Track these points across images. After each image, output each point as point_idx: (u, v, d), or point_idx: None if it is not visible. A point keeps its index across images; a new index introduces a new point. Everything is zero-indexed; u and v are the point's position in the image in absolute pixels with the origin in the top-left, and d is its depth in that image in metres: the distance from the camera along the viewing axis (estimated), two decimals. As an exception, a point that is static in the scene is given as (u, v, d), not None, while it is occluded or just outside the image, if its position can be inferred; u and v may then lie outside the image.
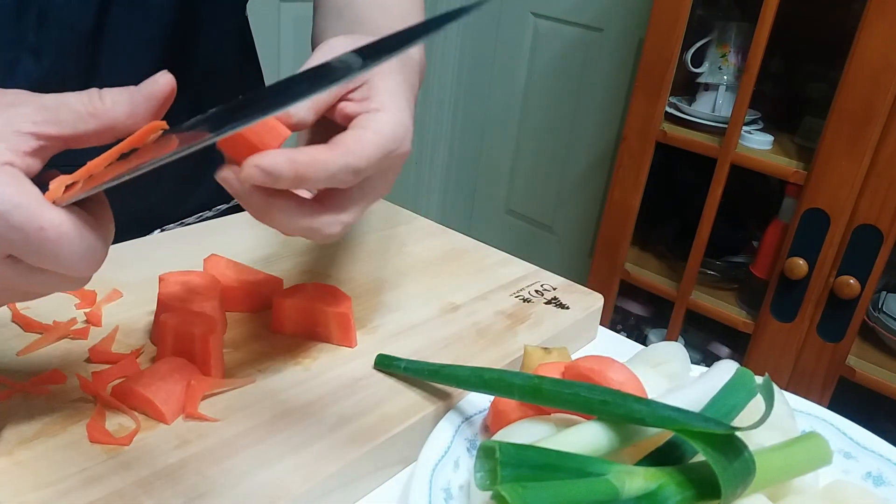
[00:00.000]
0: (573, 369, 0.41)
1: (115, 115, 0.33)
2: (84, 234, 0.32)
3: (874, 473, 0.42)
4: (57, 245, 0.31)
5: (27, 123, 0.32)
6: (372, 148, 0.36)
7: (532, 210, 2.17)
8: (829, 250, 1.21)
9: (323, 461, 0.39)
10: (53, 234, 0.31)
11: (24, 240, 0.31)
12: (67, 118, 0.33)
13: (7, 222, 0.31)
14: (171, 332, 0.45)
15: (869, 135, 1.12)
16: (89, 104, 0.33)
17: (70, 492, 0.36)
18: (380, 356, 0.48)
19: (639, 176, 1.42)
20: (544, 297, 0.60)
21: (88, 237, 0.32)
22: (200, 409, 0.42)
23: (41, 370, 0.44)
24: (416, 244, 0.67)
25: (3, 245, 0.31)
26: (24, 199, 0.31)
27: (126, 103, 0.33)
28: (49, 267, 0.33)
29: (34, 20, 0.53)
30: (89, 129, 0.33)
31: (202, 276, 0.51)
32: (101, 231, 0.33)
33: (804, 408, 0.46)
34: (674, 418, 0.36)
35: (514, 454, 0.34)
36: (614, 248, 1.50)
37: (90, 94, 0.33)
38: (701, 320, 1.46)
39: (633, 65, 1.77)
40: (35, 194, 0.32)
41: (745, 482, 0.34)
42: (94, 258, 0.33)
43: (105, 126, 0.33)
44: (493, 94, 2.15)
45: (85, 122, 0.33)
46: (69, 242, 0.32)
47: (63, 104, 0.33)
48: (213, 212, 0.73)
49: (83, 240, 0.32)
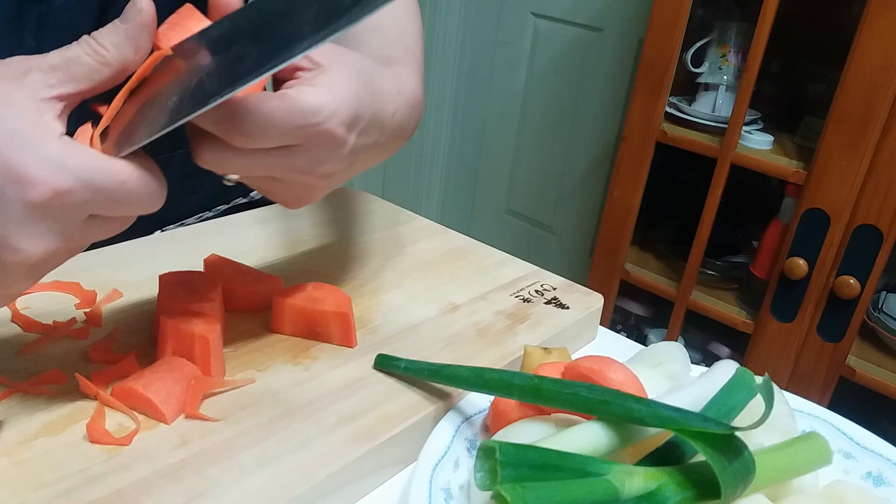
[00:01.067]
0: (573, 369, 0.41)
1: (124, 56, 0.34)
2: (149, 175, 0.35)
3: (874, 473, 0.42)
4: (137, 192, 0.34)
5: (46, 89, 0.33)
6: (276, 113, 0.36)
7: (532, 210, 2.17)
8: (829, 250, 1.21)
9: (323, 461, 0.39)
10: (132, 185, 0.34)
11: (109, 197, 0.34)
12: (82, 73, 0.34)
13: (92, 186, 0.33)
14: (171, 332, 0.45)
15: (869, 135, 1.12)
16: (95, 54, 0.34)
17: (70, 492, 0.36)
18: (380, 356, 0.48)
19: (639, 176, 1.42)
20: (544, 297, 0.60)
21: (153, 175, 0.35)
22: (200, 409, 0.42)
23: (41, 370, 0.44)
24: (416, 244, 0.67)
25: (89, 207, 0.34)
26: (97, 161, 0.33)
27: (127, 41, 0.34)
28: (130, 213, 0.35)
29: (34, 24, 0.53)
30: (104, 78, 0.34)
31: (202, 276, 0.51)
32: (154, 168, 0.36)
33: (804, 408, 0.46)
34: (674, 418, 0.36)
35: (514, 454, 0.34)
36: (614, 248, 1.50)
37: (89, 43, 0.34)
38: (701, 320, 1.46)
39: (633, 65, 1.77)
40: (101, 154, 0.33)
41: (745, 482, 0.34)
42: (163, 192, 0.36)
43: (118, 70, 0.34)
44: (493, 94, 2.15)
45: (99, 73, 0.34)
46: (144, 187, 0.34)
47: (72, 60, 0.34)
48: (212, 212, 0.73)
49: (152, 179, 0.35)
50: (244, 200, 0.76)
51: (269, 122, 0.35)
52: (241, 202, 0.75)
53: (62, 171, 0.32)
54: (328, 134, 0.38)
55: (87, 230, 0.35)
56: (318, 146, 0.38)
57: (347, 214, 0.71)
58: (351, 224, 0.69)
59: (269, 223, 0.67)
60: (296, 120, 0.36)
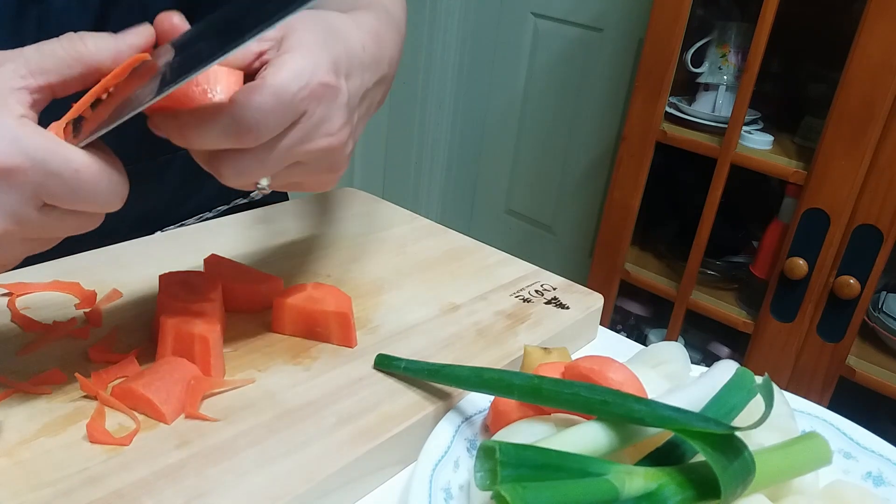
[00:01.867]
0: (573, 369, 0.41)
1: (100, 59, 0.34)
2: (110, 169, 0.34)
3: (874, 473, 0.42)
4: (93, 184, 0.33)
5: (16, 79, 0.33)
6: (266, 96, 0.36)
7: (532, 210, 2.17)
8: (829, 250, 1.21)
9: (323, 461, 0.39)
10: (88, 175, 0.33)
11: (62, 184, 0.33)
12: (52, 66, 0.34)
13: (45, 169, 0.32)
14: (171, 332, 0.45)
15: (869, 135, 1.12)
16: (71, 49, 0.34)
17: (70, 492, 0.36)
18: (380, 356, 0.48)
19: (639, 176, 1.42)
20: (544, 297, 0.60)
21: (114, 172, 0.34)
22: (200, 409, 0.42)
23: (41, 370, 0.44)
24: (416, 244, 0.67)
25: (41, 193, 0.33)
26: (54, 145, 0.32)
27: (110, 49, 0.34)
28: (84, 207, 0.34)
29: (34, 25, 0.53)
30: (74, 74, 0.34)
31: (202, 276, 0.51)
32: (118, 165, 0.35)
33: (804, 408, 0.46)
34: (674, 418, 0.36)
35: (514, 454, 0.33)
36: (614, 248, 1.50)
37: (70, 38, 0.34)
38: (701, 320, 1.46)
39: (633, 65, 1.77)
40: (60, 140, 0.33)
41: (745, 482, 0.34)
42: (123, 191, 0.35)
43: (90, 69, 0.34)
44: (493, 94, 2.15)
45: (70, 67, 0.34)
46: (102, 180, 0.34)
47: (45, 53, 0.34)
48: (213, 213, 0.73)
49: (112, 174, 0.34)
50: (244, 201, 0.76)
51: (266, 106, 0.36)
52: (241, 202, 0.75)
53: (14, 148, 0.31)
54: (321, 87, 0.38)
55: (44, 220, 0.34)
56: (319, 104, 0.39)
57: (347, 214, 0.71)
58: (351, 224, 0.69)
59: (269, 223, 0.67)
60: (287, 92, 0.36)
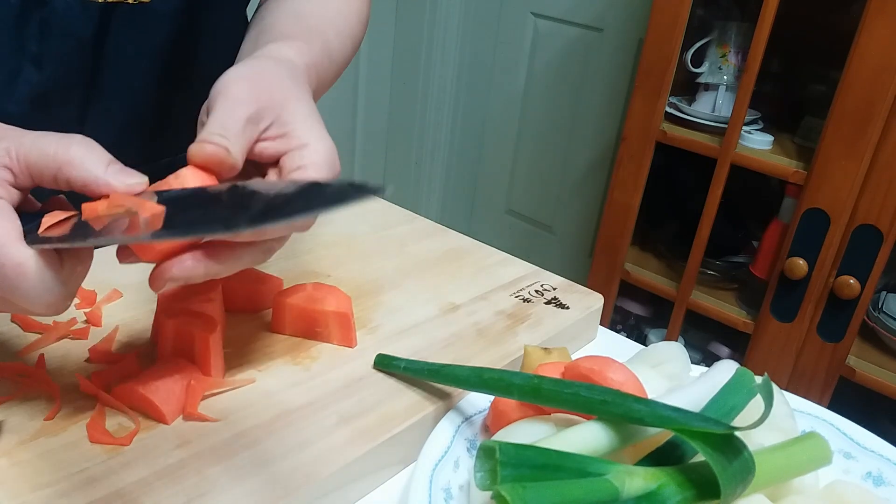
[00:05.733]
0: (573, 369, 0.41)
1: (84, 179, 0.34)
2: (44, 274, 0.33)
3: (874, 473, 0.42)
4: (31, 284, 0.33)
5: (5, 157, 0.34)
6: None
7: (532, 210, 2.16)
8: (829, 250, 1.21)
9: (323, 461, 0.39)
10: (30, 274, 0.33)
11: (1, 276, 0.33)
12: (37, 160, 0.34)
13: None
14: (171, 332, 0.45)
15: (869, 135, 1.12)
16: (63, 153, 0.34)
17: (70, 492, 0.36)
18: (380, 356, 0.48)
19: (639, 176, 1.42)
20: (544, 297, 0.60)
21: (48, 278, 0.33)
22: (200, 409, 0.42)
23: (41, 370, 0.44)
24: (416, 244, 0.67)
25: None
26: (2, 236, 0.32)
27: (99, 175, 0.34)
28: (24, 304, 0.34)
29: (36, 29, 0.53)
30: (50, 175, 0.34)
31: (202, 276, 0.51)
32: (64, 274, 0.34)
33: (804, 408, 0.46)
34: (674, 418, 0.36)
35: (514, 454, 0.34)
36: (614, 248, 1.50)
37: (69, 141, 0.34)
38: (701, 320, 1.46)
39: (633, 65, 1.77)
40: (9, 232, 0.33)
41: (745, 482, 0.34)
42: (63, 301, 0.35)
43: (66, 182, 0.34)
44: (493, 94, 2.15)
45: (48, 168, 0.34)
46: (42, 281, 0.33)
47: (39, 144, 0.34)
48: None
49: (42, 280, 0.33)
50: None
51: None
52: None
53: None
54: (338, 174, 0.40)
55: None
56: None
57: (347, 214, 0.71)
58: (351, 224, 0.69)
59: (269, 223, 0.67)
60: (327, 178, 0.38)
